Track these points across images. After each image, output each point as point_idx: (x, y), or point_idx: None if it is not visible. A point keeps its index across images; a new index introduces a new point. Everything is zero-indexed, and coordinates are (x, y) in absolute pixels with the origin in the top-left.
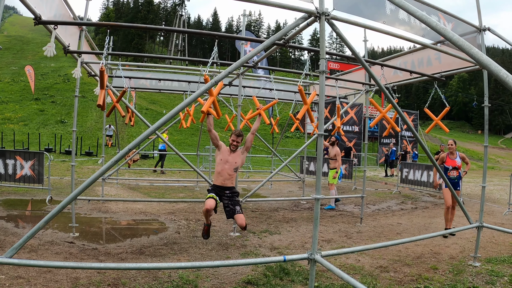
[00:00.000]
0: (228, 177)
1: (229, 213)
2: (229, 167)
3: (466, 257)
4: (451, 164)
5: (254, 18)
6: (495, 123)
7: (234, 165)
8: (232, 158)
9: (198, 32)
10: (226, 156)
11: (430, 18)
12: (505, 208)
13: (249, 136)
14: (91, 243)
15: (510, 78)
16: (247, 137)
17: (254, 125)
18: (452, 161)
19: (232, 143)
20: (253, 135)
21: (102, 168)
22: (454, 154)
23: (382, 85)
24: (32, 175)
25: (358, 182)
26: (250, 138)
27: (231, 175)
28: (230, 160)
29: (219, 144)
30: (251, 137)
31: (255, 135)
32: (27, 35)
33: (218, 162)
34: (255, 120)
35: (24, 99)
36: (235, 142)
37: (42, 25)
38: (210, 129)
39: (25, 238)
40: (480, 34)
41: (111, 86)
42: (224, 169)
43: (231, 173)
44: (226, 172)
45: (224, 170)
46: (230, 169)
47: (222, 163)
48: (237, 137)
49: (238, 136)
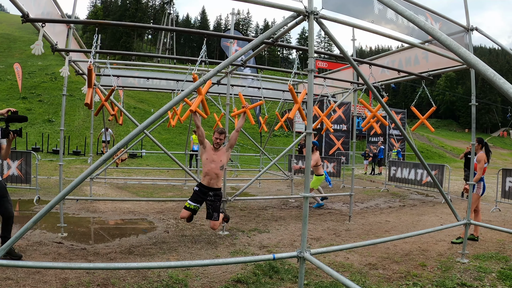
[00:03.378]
0: (215, 177)
1: (207, 215)
2: (215, 165)
3: (454, 254)
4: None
5: (243, 16)
6: (482, 121)
7: (219, 163)
8: (217, 157)
9: (186, 30)
10: (211, 155)
11: (418, 18)
12: (492, 205)
13: (233, 134)
14: (79, 243)
15: (497, 77)
16: (231, 135)
17: (238, 122)
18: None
19: (215, 141)
20: (238, 133)
21: (91, 167)
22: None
23: (370, 84)
24: (20, 174)
25: (346, 180)
26: (235, 136)
27: (217, 174)
28: (215, 158)
29: (204, 142)
30: (236, 134)
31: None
32: (14, 33)
33: (204, 162)
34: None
35: (11, 98)
36: (218, 139)
37: (29, 23)
38: (198, 126)
39: (13, 239)
40: (467, 33)
41: (99, 85)
42: (211, 168)
43: (217, 172)
44: (213, 172)
45: (211, 169)
46: (216, 168)
47: (208, 163)
48: (220, 135)
49: (221, 134)
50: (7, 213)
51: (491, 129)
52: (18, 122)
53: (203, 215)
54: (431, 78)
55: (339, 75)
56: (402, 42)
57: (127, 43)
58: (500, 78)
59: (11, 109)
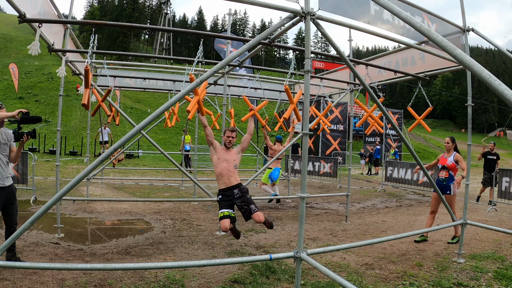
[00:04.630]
0: (231, 174)
1: (246, 214)
2: (228, 164)
3: (451, 253)
4: (441, 163)
5: (240, 17)
6: (478, 121)
7: (233, 162)
8: (229, 156)
9: (183, 31)
10: (223, 154)
11: (414, 19)
12: (488, 206)
13: (246, 137)
14: (76, 244)
15: (493, 78)
16: (244, 138)
17: (249, 125)
18: (443, 160)
19: (227, 140)
20: (250, 136)
21: (87, 168)
22: (449, 153)
23: (366, 84)
24: (16, 175)
25: (343, 181)
26: (248, 138)
27: (232, 171)
28: (228, 157)
29: (213, 141)
30: (248, 137)
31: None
32: (11, 33)
33: (216, 163)
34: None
35: (8, 98)
36: (231, 137)
37: (26, 23)
38: (206, 125)
39: (10, 240)
40: (464, 34)
41: (96, 85)
42: (224, 168)
43: (231, 169)
44: (227, 170)
45: (225, 168)
46: (230, 166)
47: (221, 162)
48: (232, 133)
49: (232, 132)
50: (11, 221)
51: (487, 129)
52: (32, 123)
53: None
54: (428, 78)
55: (335, 75)
56: (398, 43)
57: (124, 43)
58: (495, 79)
59: (22, 110)
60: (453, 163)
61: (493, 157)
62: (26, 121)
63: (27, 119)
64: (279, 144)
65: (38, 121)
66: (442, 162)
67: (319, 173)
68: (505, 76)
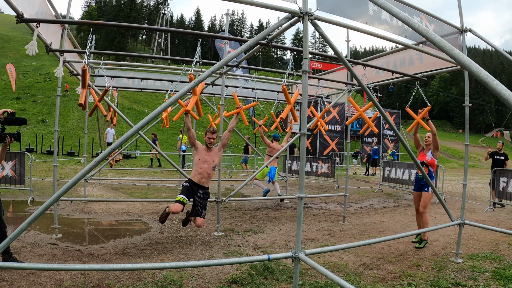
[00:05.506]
0: (206, 176)
1: (194, 213)
2: (208, 166)
3: (448, 253)
4: (420, 159)
5: (237, 17)
6: (476, 122)
7: (212, 163)
8: (209, 157)
9: (181, 31)
10: (204, 156)
11: (412, 20)
12: (486, 206)
13: (225, 134)
14: (74, 245)
15: (490, 78)
16: (223, 134)
17: (231, 123)
18: (422, 155)
19: (208, 141)
20: (230, 133)
21: (85, 168)
22: (427, 148)
23: (364, 84)
24: (14, 175)
25: (340, 181)
26: (227, 136)
27: (209, 174)
28: (208, 159)
29: (196, 143)
30: (228, 134)
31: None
32: (8, 33)
33: (196, 162)
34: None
35: (5, 98)
36: (211, 139)
37: (24, 23)
38: (189, 128)
39: (8, 240)
40: (461, 35)
41: (93, 85)
42: (204, 168)
43: (210, 172)
44: (205, 172)
45: (204, 169)
46: (209, 168)
47: (201, 163)
48: (212, 134)
49: (213, 133)
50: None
51: (485, 129)
52: (16, 125)
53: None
54: (425, 79)
55: (333, 76)
56: (396, 43)
57: (122, 44)
58: (493, 79)
59: (8, 110)
60: (432, 158)
61: (501, 157)
62: (11, 122)
63: (11, 120)
64: (277, 143)
65: (23, 123)
66: (421, 158)
67: (317, 174)
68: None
